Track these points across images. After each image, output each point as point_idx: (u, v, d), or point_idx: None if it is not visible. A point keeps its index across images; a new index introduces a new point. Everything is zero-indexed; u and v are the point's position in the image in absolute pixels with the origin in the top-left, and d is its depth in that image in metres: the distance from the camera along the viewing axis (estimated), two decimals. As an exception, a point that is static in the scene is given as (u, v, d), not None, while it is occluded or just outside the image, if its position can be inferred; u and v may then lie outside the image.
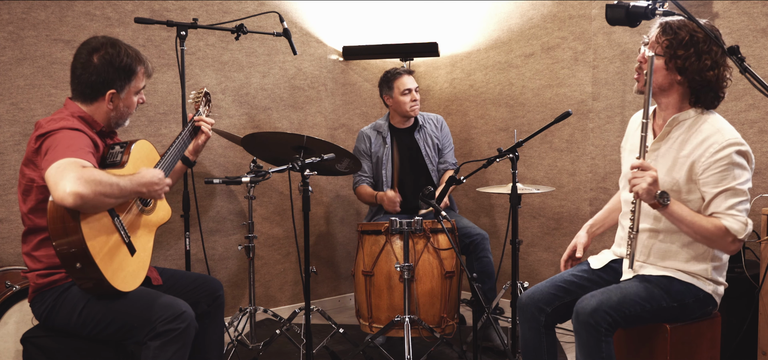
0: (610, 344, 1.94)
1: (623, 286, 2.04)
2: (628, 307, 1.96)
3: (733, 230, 1.91)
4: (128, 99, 2.16)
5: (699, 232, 1.93)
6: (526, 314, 2.20)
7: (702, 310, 2.07)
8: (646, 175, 1.90)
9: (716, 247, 2.01)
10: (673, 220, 1.96)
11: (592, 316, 1.93)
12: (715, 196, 1.94)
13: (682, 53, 1.99)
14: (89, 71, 2.07)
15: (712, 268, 2.06)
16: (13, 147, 2.99)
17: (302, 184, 2.55)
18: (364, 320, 3.07)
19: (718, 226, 1.92)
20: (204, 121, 2.48)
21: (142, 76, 2.18)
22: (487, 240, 3.35)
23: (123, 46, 2.12)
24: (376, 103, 4.36)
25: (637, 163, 1.92)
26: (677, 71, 2.01)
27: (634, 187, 1.92)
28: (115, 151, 2.10)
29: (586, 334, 1.94)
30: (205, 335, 2.33)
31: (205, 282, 2.37)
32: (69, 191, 1.73)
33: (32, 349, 2.03)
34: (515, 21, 3.88)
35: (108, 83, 2.09)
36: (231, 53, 3.67)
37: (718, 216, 1.94)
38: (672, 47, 2.00)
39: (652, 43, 2.05)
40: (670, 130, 2.08)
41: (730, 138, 1.95)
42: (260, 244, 3.84)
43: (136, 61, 2.14)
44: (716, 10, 3.00)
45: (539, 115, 3.78)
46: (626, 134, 2.35)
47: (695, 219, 1.93)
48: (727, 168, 1.93)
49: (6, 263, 2.94)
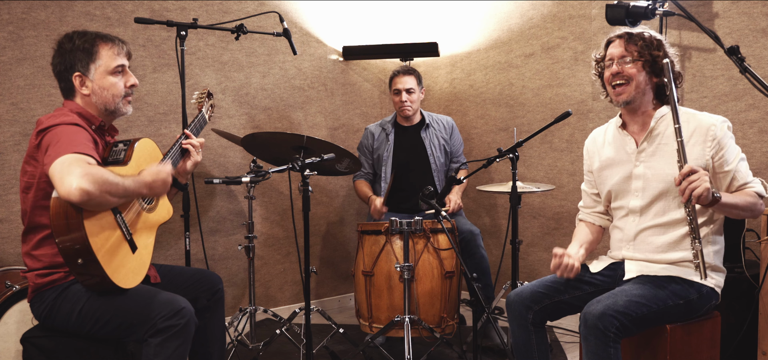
0: (618, 351, 1.92)
1: (627, 288, 2.02)
2: (635, 309, 1.94)
3: (761, 192, 2.03)
4: (102, 79, 2.10)
5: (746, 208, 1.99)
6: (514, 312, 2.22)
7: (707, 306, 2.09)
8: (701, 176, 1.85)
9: (754, 216, 2.07)
10: (727, 209, 1.99)
11: (601, 321, 1.90)
12: (735, 171, 2.03)
13: (656, 54, 2.08)
14: (55, 64, 2.11)
15: (713, 252, 2.10)
16: (13, 147, 2.99)
17: (302, 184, 2.55)
18: (364, 320, 3.07)
19: (752, 194, 2.02)
20: (191, 144, 2.34)
21: (111, 54, 2.11)
22: (478, 236, 3.34)
23: (88, 31, 2.11)
24: (376, 103, 4.36)
25: (687, 170, 1.86)
26: (653, 73, 2.11)
27: (694, 192, 1.85)
28: (118, 148, 2.11)
29: (594, 339, 1.92)
30: (206, 330, 2.34)
31: (204, 277, 2.37)
32: (76, 187, 1.74)
33: (32, 349, 2.03)
34: (515, 21, 3.88)
35: (71, 66, 2.09)
36: (231, 53, 3.67)
37: (749, 185, 2.03)
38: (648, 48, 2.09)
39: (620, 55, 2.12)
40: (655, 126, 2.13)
41: (716, 117, 2.06)
42: (260, 244, 3.84)
43: (99, 38, 2.11)
44: (716, 10, 3.00)
45: (539, 115, 3.78)
46: (588, 156, 2.37)
47: (741, 198, 2.00)
48: (729, 142, 2.04)
49: (6, 263, 2.94)
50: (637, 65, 2.09)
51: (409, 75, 3.61)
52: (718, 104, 3.01)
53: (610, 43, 2.18)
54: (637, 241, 2.18)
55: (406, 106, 3.59)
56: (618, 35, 2.15)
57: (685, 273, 2.06)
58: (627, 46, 2.11)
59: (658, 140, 2.12)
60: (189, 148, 2.34)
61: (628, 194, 2.19)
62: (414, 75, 3.63)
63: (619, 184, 2.22)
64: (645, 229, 2.15)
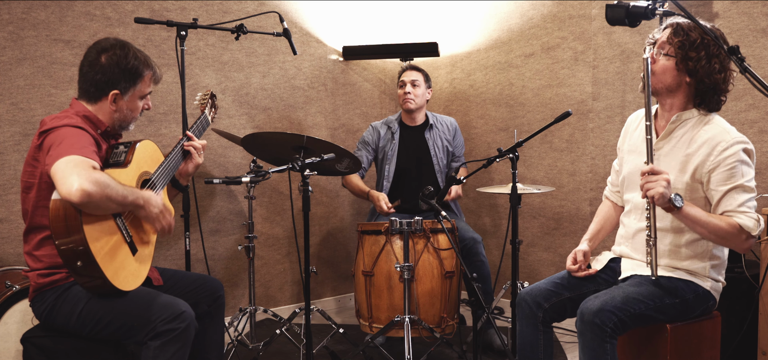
0: (614, 347, 1.93)
1: (625, 286, 2.04)
2: (632, 305, 1.95)
3: (747, 227, 1.92)
4: (132, 102, 2.15)
5: (714, 231, 1.93)
6: (525, 310, 2.21)
7: (703, 306, 2.08)
8: (659, 179, 1.88)
9: (730, 246, 2.01)
10: (688, 221, 1.95)
11: (598, 316, 1.91)
12: (725, 194, 1.95)
13: (694, 55, 2.00)
14: (95, 70, 2.08)
15: (710, 266, 2.07)
16: (13, 147, 2.99)
17: (302, 184, 2.55)
18: (364, 320, 3.07)
19: (732, 224, 1.92)
20: (193, 146, 2.36)
21: (148, 81, 2.18)
22: (480, 244, 3.33)
23: (132, 49, 2.13)
24: (376, 103, 4.36)
25: (648, 168, 1.91)
26: (687, 72, 2.03)
27: (648, 192, 1.90)
28: (119, 150, 2.11)
29: (591, 334, 1.92)
30: (205, 335, 2.33)
31: (205, 282, 2.37)
32: (77, 188, 1.74)
33: (32, 349, 2.03)
34: (515, 21, 3.88)
35: (112, 83, 2.09)
36: (231, 53, 3.67)
37: (730, 214, 1.95)
38: (684, 48, 2.01)
39: (662, 43, 2.05)
40: (674, 128, 2.09)
41: (737, 137, 1.98)
42: (260, 244, 3.84)
43: (143, 65, 2.14)
44: (716, 10, 3.01)
45: (539, 115, 3.78)
46: (623, 133, 2.34)
47: (710, 219, 1.93)
48: (736, 166, 1.95)
49: (6, 263, 2.94)
50: (672, 60, 2.03)
51: (417, 71, 3.64)
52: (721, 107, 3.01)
53: (665, 28, 2.09)
54: (635, 240, 2.18)
55: (409, 98, 3.58)
56: (669, 23, 2.07)
57: (679, 274, 2.06)
58: (669, 38, 2.04)
59: (674, 142, 2.08)
60: (191, 150, 2.35)
61: (636, 188, 2.15)
62: (421, 72, 3.65)
63: (633, 174, 2.19)
64: (642, 231, 2.14)
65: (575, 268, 2.24)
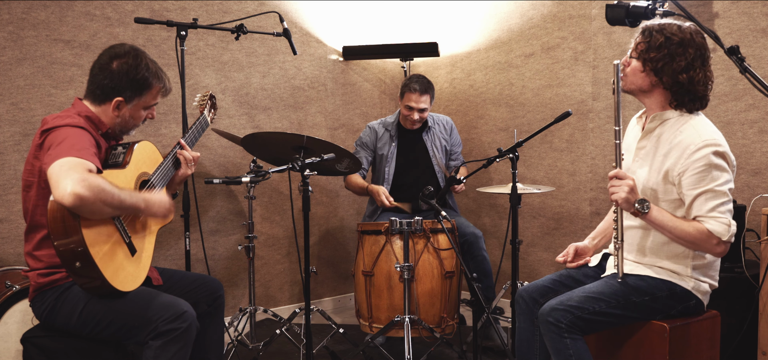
0: (577, 341, 1.96)
1: (590, 285, 2.08)
2: (590, 304, 1.99)
3: (717, 232, 1.90)
4: (135, 111, 2.15)
5: (682, 236, 1.94)
6: (522, 305, 2.24)
7: (681, 305, 2.06)
8: (623, 183, 1.92)
9: (701, 250, 2.01)
10: (656, 226, 1.97)
11: (551, 314, 1.98)
12: (695, 198, 1.94)
13: (654, 55, 2.02)
14: (105, 74, 2.08)
15: (691, 267, 2.05)
16: (13, 147, 2.99)
17: (302, 184, 2.55)
18: (364, 320, 3.07)
19: (701, 229, 1.92)
20: (184, 156, 2.31)
21: (155, 94, 2.17)
22: (481, 239, 3.34)
23: (145, 60, 2.12)
24: (375, 103, 4.36)
25: (613, 173, 1.96)
26: (653, 73, 2.04)
27: (612, 197, 1.95)
28: (118, 151, 2.10)
29: (547, 331, 2.00)
30: (204, 335, 2.33)
31: (205, 282, 2.37)
32: (70, 191, 1.72)
33: (32, 349, 2.03)
34: (515, 21, 3.88)
35: (118, 90, 2.09)
36: (231, 53, 3.67)
37: (700, 219, 1.94)
38: (646, 50, 2.04)
39: (635, 46, 2.09)
40: (654, 127, 2.10)
41: (707, 138, 1.95)
42: (260, 244, 3.84)
43: (154, 78, 2.14)
44: (716, 10, 3.01)
45: (539, 115, 3.78)
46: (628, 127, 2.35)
47: (677, 224, 1.93)
48: (705, 169, 1.93)
49: (6, 263, 2.94)
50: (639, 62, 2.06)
51: (426, 94, 3.50)
52: (718, 104, 3.01)
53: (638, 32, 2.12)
54: None
55: (415, 121, 3.57)
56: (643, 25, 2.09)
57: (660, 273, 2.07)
58: (637, 40, 2.08)
59: (654, 141, 2.09)
60: (181, 159, 2.32)
61: None
62: (429, 94, 3.53)
63: None
64: (629, 228, 2.14)
65: (561, 260, 2.32)
